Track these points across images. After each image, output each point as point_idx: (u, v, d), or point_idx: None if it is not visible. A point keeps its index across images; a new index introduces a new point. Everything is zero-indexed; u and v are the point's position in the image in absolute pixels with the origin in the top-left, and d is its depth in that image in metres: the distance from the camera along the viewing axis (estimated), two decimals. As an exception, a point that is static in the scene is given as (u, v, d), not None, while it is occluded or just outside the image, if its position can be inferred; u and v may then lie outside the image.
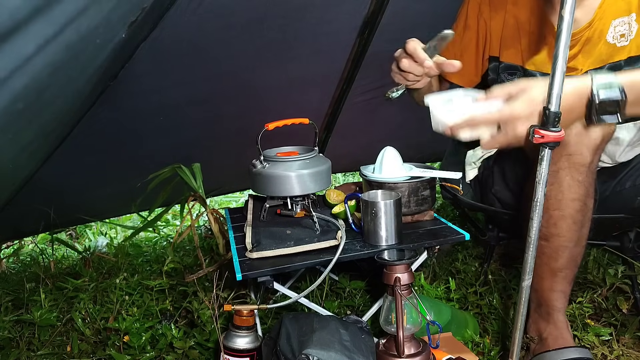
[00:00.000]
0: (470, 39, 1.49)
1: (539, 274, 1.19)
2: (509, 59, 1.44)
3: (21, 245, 2.50)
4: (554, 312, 1.21)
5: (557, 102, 0.93)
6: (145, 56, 1.53)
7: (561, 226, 1.14)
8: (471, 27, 1.48)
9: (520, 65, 1.42)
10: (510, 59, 1.44)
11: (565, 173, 1.11)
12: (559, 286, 1.19)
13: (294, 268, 1.16)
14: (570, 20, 0.89)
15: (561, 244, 1.15)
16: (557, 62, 0.91)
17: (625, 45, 1.29)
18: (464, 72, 1.52)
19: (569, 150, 1.09)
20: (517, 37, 1.41)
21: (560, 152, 1.10)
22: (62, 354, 1.42)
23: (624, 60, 1.31)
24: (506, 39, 1.43)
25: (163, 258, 1.85)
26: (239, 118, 2.14)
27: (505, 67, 1.46)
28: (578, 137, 1.08)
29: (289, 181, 1.27)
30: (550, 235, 1.15)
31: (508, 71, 1.45)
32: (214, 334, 1.35)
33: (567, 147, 1.09)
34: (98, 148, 1.92)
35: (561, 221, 1.14)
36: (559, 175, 1.11)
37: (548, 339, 1.20)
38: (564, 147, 1.08)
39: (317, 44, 1.93)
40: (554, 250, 1.16)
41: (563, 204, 1.12)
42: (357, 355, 1.02)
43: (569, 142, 1.08)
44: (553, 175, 1.11)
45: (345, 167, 3.13)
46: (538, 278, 1.20)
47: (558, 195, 1.12)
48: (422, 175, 1.34)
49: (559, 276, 1.18)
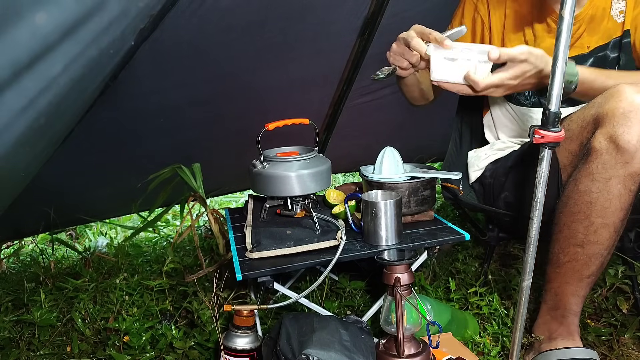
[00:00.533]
0: (465, 39, 1.51)
1: (565, 279, 1.17)
2: None
3: (21, 245, 2.49)
4: (569, 316, 1.19)
5: (557, 102, 0.93)
6: (146, 57, 1.53)
7: (601, 234, 1.10)
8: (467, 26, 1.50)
9: None
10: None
11: (618, 181, 1.05)
12: (582, 292, 1.17)
13: (294, 268, 1.16)
14: (571, 21, 0.89)
15: (597, 251, 1.11)
16: (557, 62, 0.91)
17: (622, 21, 1.30)
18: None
19: (627, 157, 1.03)
20: (521, 29, 1.42)
21: (616, 159, 1.04)
22: (62, 354, 1.42)
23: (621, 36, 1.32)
24: (508, 32, 1.45)
25: (163, 258, 1.85)
26: (239, 118, 2.14)
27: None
28: (639, 144, 1.01)
29: (289, 181, 1.27)
30: (587, 243, 1.11)
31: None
32: (214, 334, 1.35)
33: (626, 154, 1.02)
34: (98, 148, 1.92)
35: (603, 229, 1.09)
36: (610, 183, 1.05)
37: (557, 338, 1.20)
38: (622, 153, 1.02)
39: (317, 45, 1.94)
40: (588, 258, 1.12)
41: (609, 212, 1.08)
42: (357, 355, 1.02)
43: (628, 149, 1.02)
44: (603, 182, 1.06)
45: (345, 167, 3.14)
46: (562, 283, 1.17)
47: (605, 204, 1.07)
48: (422, 175, 1.34)
49: (585, 282, 1.16)
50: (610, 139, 1.04)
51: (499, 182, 1.49)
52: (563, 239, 1.15)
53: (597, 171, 1.07)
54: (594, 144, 1.07)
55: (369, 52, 2.03)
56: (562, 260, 1.16)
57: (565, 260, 1.15)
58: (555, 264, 1.18)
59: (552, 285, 1.20)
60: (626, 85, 1.06)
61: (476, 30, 1.50)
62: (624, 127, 1.02)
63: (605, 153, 1.05)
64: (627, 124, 1.02)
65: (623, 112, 1.03)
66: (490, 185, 1.53)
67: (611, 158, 1.04)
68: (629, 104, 1.02)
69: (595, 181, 1.07)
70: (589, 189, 1.08)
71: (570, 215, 1.13)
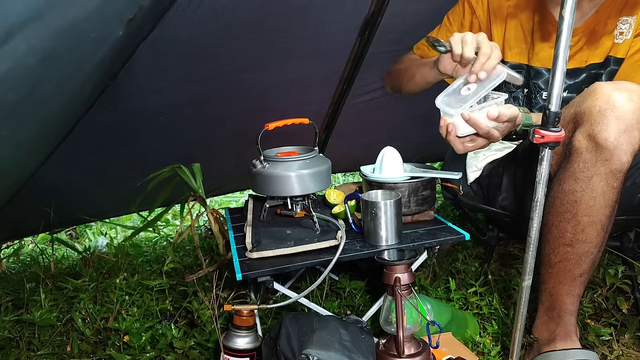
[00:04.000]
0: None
1: (558, 279, 1.17)
2: (514, 59, 1.46)
3: (21, 245, 2.49)
4: (566, 315, 1.19)
5: (557, 102, 0.93)
6: (146, 56, 1.53)
7: (589, 232, 1.10)
8: (466, 27, 1.51)
9: (526, 63, 1.44)
10: (516, 59, 1.46)
11: (600, 179, 1.05)
12: (576, 291, 1.17)
13: (294, 268, 1.16)
14: (571, 21, 0.89)
15: (587, 250, 1.12)
16: (557, 62, 0.91)
17: (620, 43, 1.30)
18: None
19: (607, 155, 1.03)
20: (522, 36, 1.43)
21: (596, 157, 1.04)
22: (62, 354, 1.42)
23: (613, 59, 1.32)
24: (509, 40, 1.46)
25: (163, 258, 1.85)
26: (239, 118, 2.14)
27: (510, 66, 1.48)
28: (617, 141, 1.02)
29: (289, 181, 1.27)
30: (576, 242, 1.12)
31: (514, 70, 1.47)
32: (214, 334, 1.35)
33: (605, 151, 1.03)
34: (98, 148, 1.92)
35: (590, 227, 1.10)
36: (592, 181, 1.06)
37: (556, 339, 1.20)
38: (601, 151, 1.03)
39: (317, 44, 1.93)
40: (579, 256, 1.13)
41: (594, 210, 1.08)
42: (357, 355, 1.02)
43: (606, 147, 1.02)
44: (585, 181, 1.07)
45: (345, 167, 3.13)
46: (556, 283, 1.18)
47: (590, 202, 1.08)
48: (422, 175, 1.34)
49: (578, 281, 1.16)
50: (589, 137, 1.04)
51: (495, 183, 1.49)
52: (553, 239, 1.16)
53: (579, 170, 1.07)
54: (574, 143, 1.07)
55: (369, 51, 2.03)
56: (554, 260, 1.16)
57: (556, 261, 1.16)
58: (548, 264, 1.19)
59: (547, 286, 1.21)
60: (603, 83, 1.08)
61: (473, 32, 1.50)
62: (601, 125, 1.03)
63: (586, 152, 1.05)
64: (604, 122, 1.02)
65: (599, 110, 1.03)
66: (487, 186, 1.53)
67: (592, 156, 1.04)
68: (605, 102, 1.03)
69: (578, 180, 1.08)
70: (573, 188, 1.09)
71: (558, 215, 1.13)
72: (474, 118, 1.11)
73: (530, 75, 1.44)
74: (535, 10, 1.39)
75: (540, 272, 1.22)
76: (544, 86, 1.43)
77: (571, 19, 0.89)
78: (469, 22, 1.50)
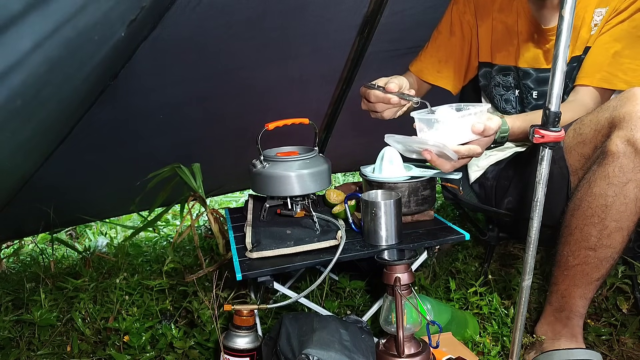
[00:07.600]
0: (454, 45, 1.54)
1: (573, 282, 1.15)
2: (502, 61, 1.48)
3: (21, 245, 2.49)
4: (574, 317, 1.19)
5: (557, 102, 0.93)
6: (146, 55, 1.53)
7: (615, 238, 1.08)
8: (456, 33, 1.54)
9: (514, 65, 1.46)
10: (504, 61, 1.48)
11: (636, 185, 1.03)
12: (589, 294, 1.16)
13: (294, 268, 1.16)
14: (571, 21, 0.89)
15: (609, 255, 1.10)
16: (557, 62, 0.91)
17: (592, 35, 1.31)
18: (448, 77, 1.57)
19: None
20: (508, 39, 1.45)
21: (634, 163, 1.02)
22: (62, 354, 1.42)
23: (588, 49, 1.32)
24: (497, 43, 1.48)
25: (163, 258, 1.85)
26: (239, 118, 2.14)
27: (499, 68, 1.50)
28: None
29: (289, 181, 1.27)
30: (600, 246, 1.10)
31: (502, 72, 1.50)
32: (214, 334, 1.35)
33: None
34: (98, 147, 1.92)
35: (617, 233, 1.08)
36: (627, 187, 1.04)
37: (561, 339, 1.20)
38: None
39: (316, 42, 1.93)
40: (599, 261, 1.11)
41: (624, 216, 1.06)
42: (357, 355, 1.02)
43: None
44: (620, 186, 1.04)
45: (345, 167, 3.13)
46: (570, 285, 1.16)
47: (621, 208, 1.05)
48: (422, 175, 1.33)
49: (593, 285, 1.15)
50: (628, 142, 1.02)
51: (502, 186, 1.48)
52: (574, 241, 1.13)
53: (614, 175, 1.05)
54: (611, 147, 1.05)
55: (368, 50, 2.03)
56: (572, 263, 1.14)
57: (575, 263, 1.14)
58: (564, 266, 1.16)
59: (559, 287, 1.19)
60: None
61: (464, 37, 1.53)
62: None
63: (623, 156, 1.03)
64: None
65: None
66: (492, 188, 1.53)
67: (629, 162, 1.02)
68: None
69: (611, 185, 1.05)
70: (605, 192, 1.06)
71: (584, 218, 1.11)
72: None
73: (519, 76, 1.45)
74: (518, 12, 1.40)
75: (553, 273, 1.21)
76: (533, 85, 1.43)
77: (571, 19, 0.89)
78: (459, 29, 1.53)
